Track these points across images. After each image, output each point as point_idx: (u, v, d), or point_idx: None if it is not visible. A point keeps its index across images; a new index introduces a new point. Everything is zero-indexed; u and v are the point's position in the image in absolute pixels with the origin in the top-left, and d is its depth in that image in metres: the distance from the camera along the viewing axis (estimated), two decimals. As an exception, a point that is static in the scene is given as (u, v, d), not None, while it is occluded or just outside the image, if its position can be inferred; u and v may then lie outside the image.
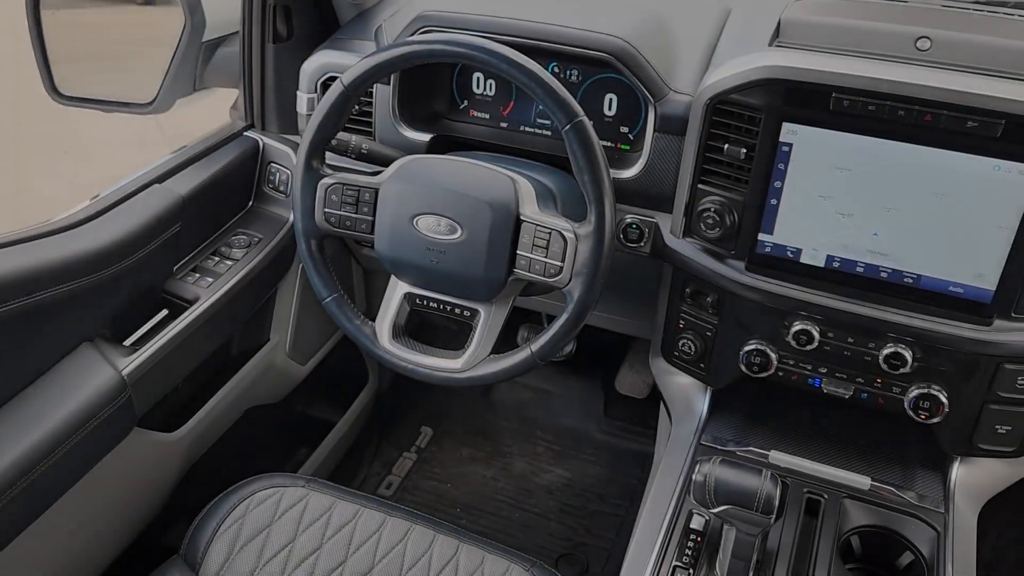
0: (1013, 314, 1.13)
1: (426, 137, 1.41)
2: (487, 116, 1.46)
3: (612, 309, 1.60)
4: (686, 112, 1.22)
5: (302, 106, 1.52)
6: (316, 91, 1.49)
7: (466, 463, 2.14)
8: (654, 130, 1.27)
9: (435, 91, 1.47)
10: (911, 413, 1.21)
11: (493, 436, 2.20)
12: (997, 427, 1.21)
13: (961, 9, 1.31)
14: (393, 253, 1.22)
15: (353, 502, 1.30)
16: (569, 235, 1.12)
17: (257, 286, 1.54)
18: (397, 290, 1.27)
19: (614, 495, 2.04)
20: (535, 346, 1.18)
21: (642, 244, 1.30)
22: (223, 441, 1.63)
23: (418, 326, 1.98)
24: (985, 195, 1.07)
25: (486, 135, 1.45)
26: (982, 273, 1.12)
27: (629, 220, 1.29)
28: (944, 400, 1.19)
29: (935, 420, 1.20)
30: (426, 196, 1.18)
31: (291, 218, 1.57)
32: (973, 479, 1.25)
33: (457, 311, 1.25)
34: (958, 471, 1.26)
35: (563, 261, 1.13)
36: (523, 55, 1.11)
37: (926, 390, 1.19)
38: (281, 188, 1.59)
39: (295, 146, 1.55)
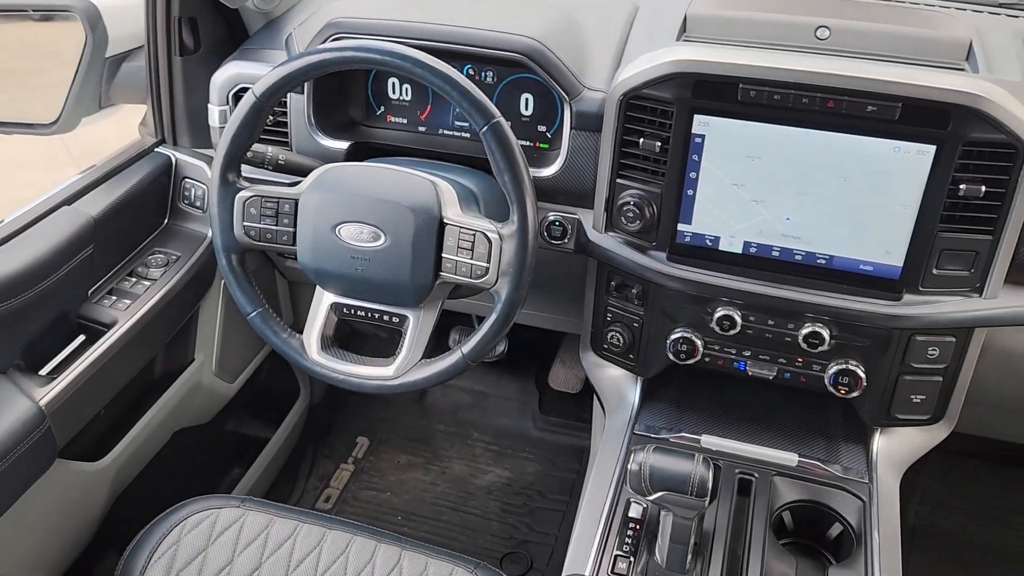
0: (921, 288, 1.18)
1: (344, 145, 1.40)
2: (405, 121, 1.46)
3: (541, 306, 1.61)
4: (601, 109, 1.24)
5: (214, 119, 1.48)
6: (228, 103, 1.46)
7: (404, 470, 2.13)
8: (571, 128, 1.29)
9: (350, 98, 1.46)
10: (832, 389, 1.26)
11: (430, 441, 2.19)
12: (912, 397, 1.26)
13: None
14: (317, 264, 1.20)
15: (291, 519, 1.28)
16: (493, 236, 1.13)
17: (178, 305, 1.50)
18: (323, 300, 1.26)
19: (554, 491, 2.05)
20: (466, 348, 1.18)
21: (566, 240, 1.31)
22: (152, 466, 1.58)
23: (347, 335, 1.97)
24: (888, 176, 1.12)
25: (405, 140, 1.45)
26: (890, 250, 1.17)
27: (552, 217, 1.31)
28: (862, 375, 1.24)
29: (855, 394, 1.25)
30: (347, 204, 1.17)
31: (209, 234, 1.54)
32: (893, 448, 1.31)
33: (386, 318, 1.24)
34: (879, 442, 1.31)
35: (489, 262, 1.14)
36: (437, 59, 1.11)
37: (844, 366, 1.24)
38: (197, 204, 1.55)
39: (209, 160, 1.52)
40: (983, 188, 1.10)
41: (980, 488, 2.00)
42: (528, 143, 1.41)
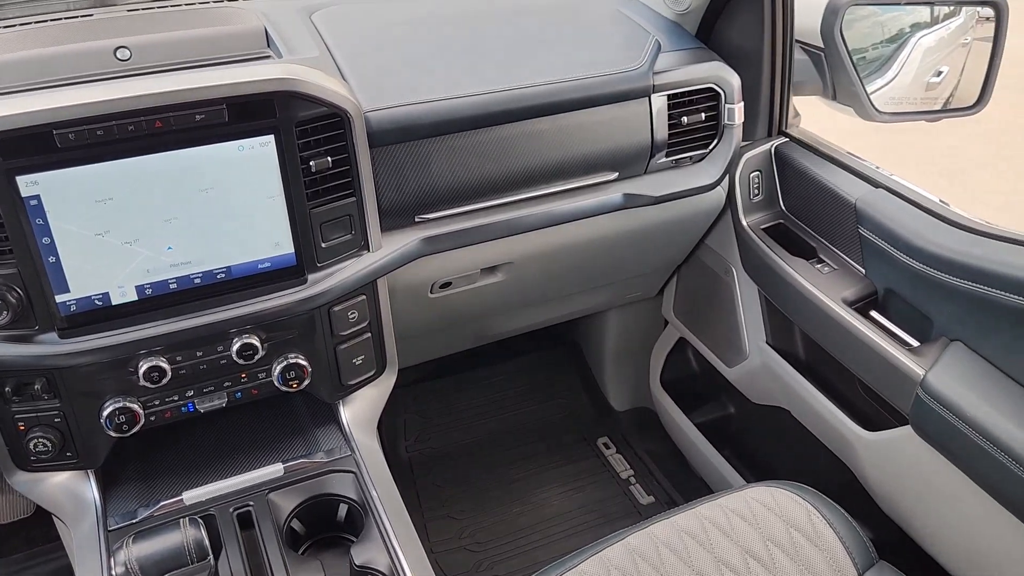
0: (319, 264, 1.23)
1: None
2: None
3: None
4: None
5: None
6: None
7: None
8: None
9: None
10: (284, 388, 1.27)
11: None
12: (354, 360, 1.34)
13: (146, 11, 1.32)
14: None
15: None
16: None
17: None
18: None
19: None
20: None
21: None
22: None
23: None
24: (244, 175, 1.13)
25: None
26: (278, 242, 1.19)
27: None
28: (304, 363, 1.26)
29: (307, 383, 1.28)
30: None
31: None
32: (359, 412, 1.38)
33: None
34: (345, 413, 1.36)
35: None
36: None
37: (286, 362, 1.25)
38: None
39: None
40: (329, 159, 1.18)
41: (445, 400, 2.26)
42: None
